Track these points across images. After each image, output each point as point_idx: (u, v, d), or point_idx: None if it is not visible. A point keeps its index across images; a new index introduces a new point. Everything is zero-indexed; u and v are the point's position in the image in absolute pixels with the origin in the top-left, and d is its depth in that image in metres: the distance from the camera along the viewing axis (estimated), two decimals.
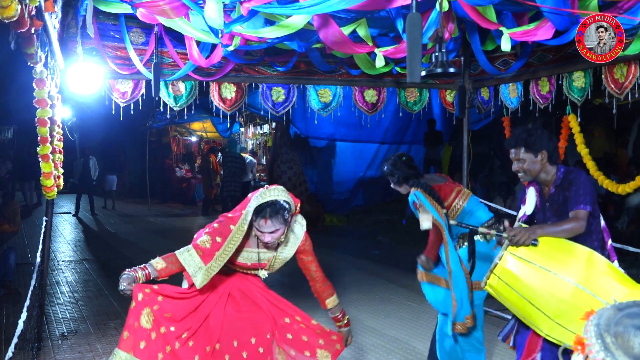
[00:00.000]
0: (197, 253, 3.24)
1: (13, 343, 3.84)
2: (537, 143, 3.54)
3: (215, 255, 3.24)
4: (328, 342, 3.65)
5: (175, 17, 4.31)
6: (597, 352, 1.40)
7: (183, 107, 6.48)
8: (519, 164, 3.60)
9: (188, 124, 20.81)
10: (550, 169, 3.61)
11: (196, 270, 3.22)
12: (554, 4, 3.63)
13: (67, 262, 10.06)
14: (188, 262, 3.23)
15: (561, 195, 3.56)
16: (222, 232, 3.30)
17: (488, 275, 3.33)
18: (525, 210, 3.68)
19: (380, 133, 14.40)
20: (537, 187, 3.72)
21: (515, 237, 3.23)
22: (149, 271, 3.20)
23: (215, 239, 3.27)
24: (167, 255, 3.27)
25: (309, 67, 6.58)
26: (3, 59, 11.78)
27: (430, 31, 4.09)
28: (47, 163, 4.79)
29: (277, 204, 3.29)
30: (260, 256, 3.50)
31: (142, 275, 3.19)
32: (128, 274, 3.17)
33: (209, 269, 3.24)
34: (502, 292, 3.30)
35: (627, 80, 5.14)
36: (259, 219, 3.28)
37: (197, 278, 3.22)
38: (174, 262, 3.24)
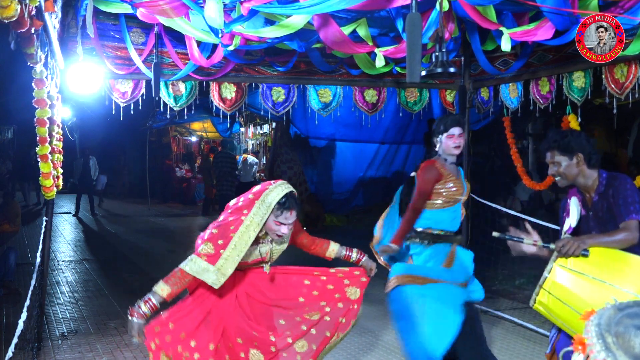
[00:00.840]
0: (201, 259, 3.26)
1: (13, 343, 3.83)
2: (571, 145, 3.38)
3: (221, 254, 3.26)
4: (353, 278, 3.84)
5: (175, 16, 4.31)
6: (598, 352, 1.40)
7: (183, 107, 6.47)
8: (555, 168, 3.45)
9: (188, 124, 20.81)
10: (590, 173, 3.42)
11: (208, 273, 3.25)
12: (554, 4, 3.63)
13: (67, 262, 10.06)
14: (195, 270, 3.24)
15: (605, 203, 3.35)
16: (222, 235, 3.31)
17: (537, 291, 3.13)
18: (570, 222, 3.43)
19: (381, 133, 14.39)
20: (579, 196, 3.51)
21: (564, 248, 3.08)
22: (153, 303, 3.19)
23: (217, 242, 3.29)
24: (171, 273, 3.26)
25: (309, 67, 6.58)
26: (3, 59, 11.78)
27: (430, 31, 4.09)
28: (46, 163, 4.79)
29: (294, 195, 3.44)
30: (261, 250, 3.55)
31: (148, 309, 3.17)
32: (135, 320, 3.14)
33: (220, 269, 3.25)
34: (554, 309, 3.10)
35: (628, 80, 5.13)
36: (284, 212, 3.36)
37: (210, 279, 3.25)
38: (180, 279, 3.25)
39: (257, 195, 3.41)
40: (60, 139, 5.77)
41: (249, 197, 3.44)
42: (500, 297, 7.51)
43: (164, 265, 9.47)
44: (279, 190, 3.40)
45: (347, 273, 3.86)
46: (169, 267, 3.23)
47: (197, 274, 3.24)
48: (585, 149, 3.38)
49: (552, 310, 3.11)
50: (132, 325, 3.14)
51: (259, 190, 3.45)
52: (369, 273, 3.88)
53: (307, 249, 3.87)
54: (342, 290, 3.81)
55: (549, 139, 3.48)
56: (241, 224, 3.32)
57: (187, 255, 3.34)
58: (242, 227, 3.31)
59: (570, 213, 3.45)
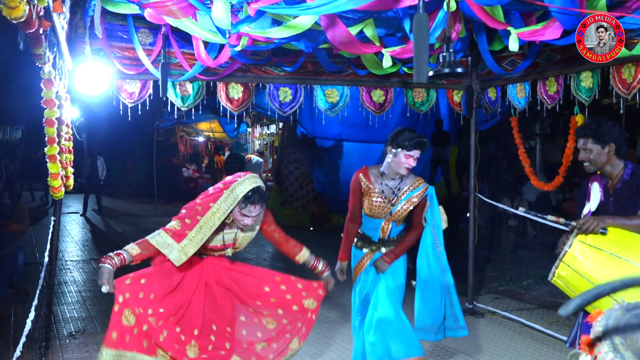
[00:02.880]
0: (167, 234, 3.51)
1: (21, 342, 3.85)
2: (606, 135, 3.57)
3: (187, 234, 3.49)
4: (310, 290, 4.00)
5: (182, 17, 4.32)
6: (605, 352, 1.39)
7: (190, 107, 6.49)
8: (586, 154, 3.64)
9: (195, 124, 20.86)
10: (617, 162, 3.63)
11: (171, 249, 3.49)
12: (562, 4, 3.62)
13: (75, 261, 10.09)
14: (160, 243, 3.50)
15: (629, 191, 3.56)
16: (190, 216, 3.55)
17: (557, 264, 3.34)
18: (590, 207, 3.69)
19: (388, 133, 14.25)
20: (601, 182, 3.72)
21: (585, 225, 3.29)
22: (124, 256, 3.44)
23: (184, 222, 3.53)
24: (140, 241, 3.54)
25: (316, 67, 6.58)
26: (12, 59, 11.84)
27: (437, 31, 4.09)
28: (54, 163, 4.80)
29: (261, 190, 3.65)
30: (225, 237, 3.77)
31: (118, 261, 3.40)
32: (105, 266, 3.34)
33: (184, 249, 3.49)
34: (572, 281, 3.30)
35: (635, 80, 5.10)
36: (249, 205, 3.58)
37: (172, 255, 3.48)
38: (148, 247, 3.52)
39: (226, 185, 3.62)
40: (69, 139, 5.79)
41: (219, 186, 3.67)
42: (507, 298, 7.49)
43: None
44: (247, 183, 3.60)
45: (306, 285, 4.03)
46: None
47: (161, 248, 3.49)
48: (618, 140, 3.58)
49: (569, 283, 3.32)
50: (102, 271, 3.33)
51: (229, 180, 3.67)
52: (327, 287, 4.08)
53: (279, 246, 4.08)
54: (299, 302, 3.98)
55: (585, 126, 3.66)
56: (209, 209, 3.54)
57: None
58: (209, 213, 3.53)
59: (592, 198, 3.70)
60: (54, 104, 4.61)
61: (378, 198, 4.41)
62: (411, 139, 4.26)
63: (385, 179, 4.44)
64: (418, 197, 4.41)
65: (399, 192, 4.41)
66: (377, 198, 4.41)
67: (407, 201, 4.39)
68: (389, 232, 4.49)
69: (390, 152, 4.35)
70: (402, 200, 4.40)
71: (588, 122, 3.70)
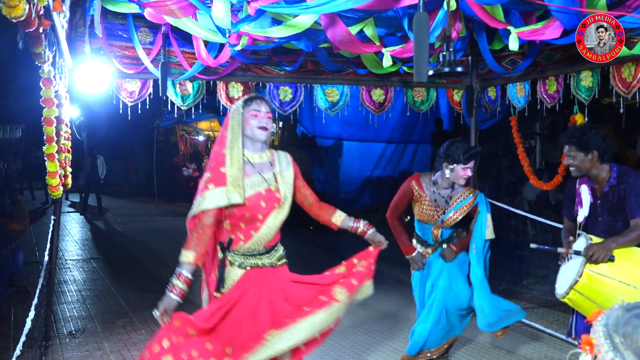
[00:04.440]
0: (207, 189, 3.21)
1: (21, 341, 3.85)
2: (589, 143, 3.67)
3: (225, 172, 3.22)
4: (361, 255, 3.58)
5: (182, 16, 4.32)
6: (605, 352, 1.39)
7: (190, 106, 6.49)
8: (571, 160, 3.77)
9: (195, 123, 20.84)
10: (603, 167, 3.75)
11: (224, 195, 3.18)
12: (562, 3, 3.61)
13: (75, 260, 10.09)
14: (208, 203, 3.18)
15: (616, 195, 3.69)
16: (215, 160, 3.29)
17: (568, 290, 3.48)
18: (584, 213, 3.84)
19: (388, 132, 14.39)
20: (589, 185, 3.85)
21: (594, 256, 3.40)
22: (185, 275, 3.11)
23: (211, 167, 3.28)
24: (188, 237, 3.21)
25: (316, 66, 6.58)
26: (13, 58, 11.84)
27: (437, 30, 4.08)
28: (52, 162, 4.80)
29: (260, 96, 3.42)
30: (265, 176, 3.38)
31: (184, 285, 3.09)
32: (170, 295, 3.05)
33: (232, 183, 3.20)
34: (582, 304, 3.50)
35: (635, 79, 5.10)
36: (253, 102, 3.35)
37: (233, 198, 3.18)
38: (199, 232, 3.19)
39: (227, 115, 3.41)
40: (68, 138, 5.79)
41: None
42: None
43: (171, 264, 9.50)
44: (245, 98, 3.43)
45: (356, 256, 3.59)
46: (176, 266, 3.18)
47: (215, 203, 3.16)
48: (601, 147, 3.68)
49: (579, 305, 3.52)
50: (164, 300, 3.04)
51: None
52: (378, 244, 3.60)
53: (310, 209, 3.66)
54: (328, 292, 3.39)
55: (569, 134, 3.77)
56: (225, 138, 3.31)
57: None
58: (227, 141, 3.29)
59: (583, 203, 3.84)
60: (53, 103, 4.61)
61: (429, 206, 4.52)
62: (465, 153, 4.33)
63: (437, 188, 4.53)
64: (468, 205, 4.52)
65: (450, 200, 4.52)
66: (428, 206, 4.52)
67: (457, 210, 4.50)
68: (440, 236, 4.62)
69: (447, 167, 4.42)
70: (452, 210, 4.50)
71: (572, 129, 3.82)
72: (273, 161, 3.48)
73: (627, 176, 3.70)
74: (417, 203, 4.56)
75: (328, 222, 3.66)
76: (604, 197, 3.75)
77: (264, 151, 3.44)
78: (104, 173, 16.98)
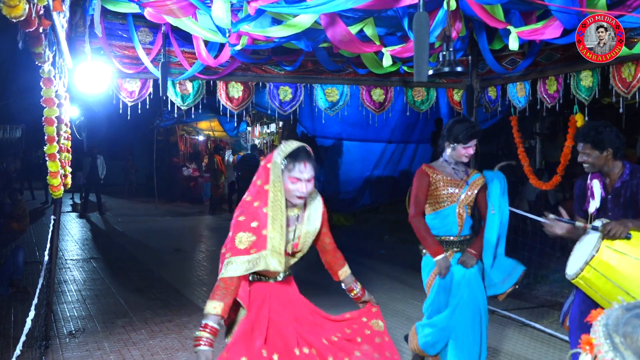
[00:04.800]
0: (249, 254, 2.99)
1: (21, 341, 3.85)
2: (604, 141, 3.74)
3: (267, 235, 3.01)
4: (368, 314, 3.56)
5: (182, 16, 4.32)
6: (605, 352, 1.39)
7: (190, 106, 6.49)
8: (585, 157, 3.81)
9: (195, 123, 20.86)
10: (616, 163, 3.82)
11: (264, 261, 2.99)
12: (562, 3, 3.61)
13: (75, 260, 10.09)
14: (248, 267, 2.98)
15: (629, 190, 3.78)
16: (253, 215, 3.05)
17: (582, 267, 3.49)
18: (595, 204, 3.90)
19: (388, 132, 14.39)
20: (601, 180, 3.91)
21: (612, 231, 3.43)
22: (212, 326, 2.91)
23: (251, 226, 3.02)
24: (214, 289, 2.98)
25: (316, 66, 6.58)
26: (13, 58, 11.83)
27: (437, 30, 4.08)
28: (53, 162, 4.80)
29: (305, 149, 3.17)
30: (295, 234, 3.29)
31: (211, 335, 2.90)
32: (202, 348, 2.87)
33: (272, 250, 3.01)
34: (595, 282, 3.49)
35: (635, 79, 5.10)
36: (297, 164, 3.10)
37: (271, 264, 3.01)
38: (226, 288, 2.97)
39: (268, 159, 3.17)
40: (68, 138, 5.79)
41: (260, 165, 3.22)
42: (508, 297, 7.48)
43: (171, 264, 9.52)
44: (288, 144, 3.17)
45: (360, 313, 3.56)
46: (176, 266, 3.17)
47: (255, 268, 2.99)
48: (615, 144, 3.77)
49: (593, 284, 3.50)
50: (199, 355, 2.87)
51: (269, 156, 3.21)
52: (373, 303, 3.63)
53: (325, 254, 3.60)
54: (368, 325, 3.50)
55: (584, 132, 3.81)
56: (267, 193, 3.08)
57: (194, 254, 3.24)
58: (270, 196, 3.08)
59: (595, 196, 3.91)
60: (54, 103, 4.61)
61: (449, 180, 4.45)
62: (466, 132, 4.32)
63: (450, 164, 4.50)
64: (479, 182, 4.49)
65: (466, 175, 4.51)
66: (449, 180, 4.44)
67: (472, 184, 4.47)
68: (465, 222, 4.49)
69: (449, 147, 4.42)
70: (469, 182, 4.48)
71: (587, 127, 3.83)
72: (302, 215, 3.33)
73: (639, 172, 3.80)
74: (434, 187, 4.43)
75: (334, 272, 3.66)
76: (616, 192, 3.82)
77: (297, 206, 3.29)
78: (104, 173, 16.98)
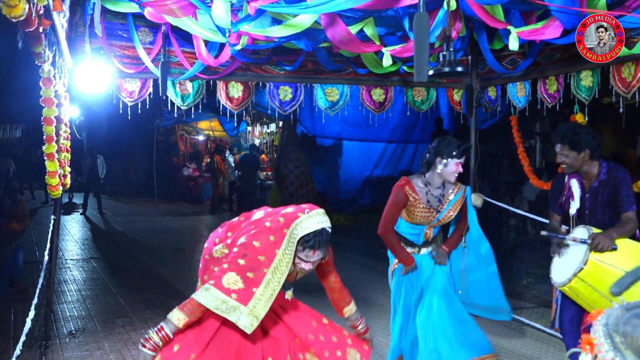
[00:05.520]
0: (229, 297, 2.89)
1: (21, 341, 3.85)
2: (581, 142, 3.87)
3: (255, 293, 2.92)
4: (356, 341, 3.60)
5: (182, 16, 4.32)
6: (606, 351, 1.39)
7: (190, 106, 6.49)
8: (563, 158, 3.97)
9: (195, 123, 20.84)
10: (593, 164, 3.96)
11: (238, 314, 2.89)
12: (562, 3, 3.62)
13: (75, 260, 10.09)
14: (219, 307, 2.89)
15: (607, 189, 3.92)
16: (252, 266, 2.98)
17: (571, 278, 3.64)
18: (576, 206, 4.05)
19: (388, 132, 14.39)
20: (578, 179, 4.06)
21: (600, 245, 3.59)
22: (166, 332, 2.90)
23: (246, 276, 2.95)
24: (185, 303, 2.95)
25: (316, 66, 6.58)
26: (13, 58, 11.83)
27: (437, 30, 4.09)
28: (52, 162, 4.80)
29: (325, 233, 3.10)
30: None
31: (160, 341, 2.90)
32: (145, 351, 2.89)
33: (253, 311, 2.90)
34: (582, 292, 3.63)
35: (635, 79, 5.10)
36: (307, 250, 3.07)
37: (242, 321, 2.89)
38: (195, 309, 2.93)
39: (287, 222, 3.09)
40: (67, 138, 5.79)
41: (279, 220, 3.12)
42: (507, 297, 7.47)
43: (171, 264, 9.52)
44: (310, 222, 3.07)
45: (352, 336, 3.62)
46: (176, 266, 3.18)
47: (224, 313, 2.88)
48: (592, 145, 3.89)
49: (580, 293, 3.64)
50: (140, 356, 2.89)
51: (291, 215, 3.13)
52: (370, 345, 3.67)
53: (330, 292, 3.61)
54: (344, 348, 3.50)
55: (561, 133, 3.95)
56: (274, 258, 3.00)
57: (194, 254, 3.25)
58: (275, 262, 3.00)
59: (575, 197, 4.05)
60: (53, 103, 4.60)
61: (423, 208, 4.46)
62: (459, 147, 4.32)
63: (430, 188, 4.46)
64: (460, 201, 4.52)
65: (443, 198, 4.49)
66: (423, 208, 4.46)
67: (451, 208, 4.49)
68: (432, 234, 4.62)
69: (441, 162, 4.34)
70: (446, 208, 4.48)
71: (564, 129, 3.97)
72: None
73: (617, 172, 3.92)
74: (411, 207, 4.45)
75: (339, 309, 3.67)
76: (594, 191, 3.96)
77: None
78: (104, 173, 16.99)
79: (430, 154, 4.40)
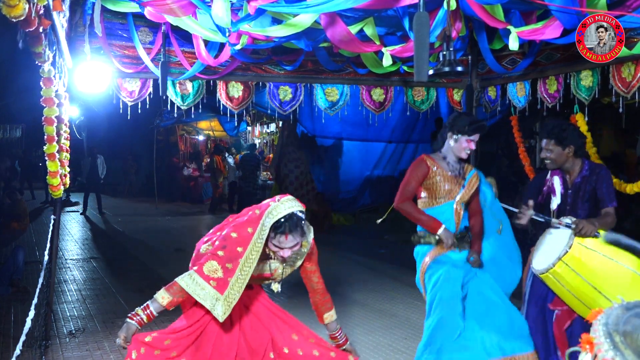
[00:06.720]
0: (208, 283, 3.02)
1: (21, 341, 3.86)
2: (567, 138, 4.00)
3: (230, 282, 3.04)
4: (339, 354, 3.55)
5: (182, 15, 4.32)
6: (605, 351, 1.40)
7: (190, 105, 6.49)
8: (547, 153, 4.09)
9: (195, 123, 20.85)
10: (576, 161, 4.09)
11: (214, 302, 3.02)
12: (562, 3, 3.62)
13: (75, 260, 10.09)
14: (198, 293, 3.02)
15: (588, 185, 4.05)
16: (230, 257, 3.08)
17: (555, 262, 3.69)
18: (557, 201, 4.17)
19: (388, 132, 14.39)
20: (560, 176, 4.18)
21: (584, 229, 3.69)
22: (151, 310, 3.05)
23: (225, 266, 3.06)
24: (170, 285, 3.08)
25: (316, 65, 6.58)
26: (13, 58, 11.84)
27: (437, 30, 4.09)
28: (53, 162, 4.80)
29: (295, 217, 3.13)
30: (271, 266, 3.37)
31: (145, 316, 3.04)
32: (130, 322, 3.01)
33: (227, 298, 3.03)
34: (565, 277, 3.69)
35: (635, 79, 5.11)
36: (278, 236, 3.11)
37: (217, 310, 3.02)
38: (179, 291, 3.06)
39: (262, 213, 3.17)
40: (67, 138, 5.79)
41: (255, 212, 3.22)
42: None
43: (171, 263, 9.52)
44: (280, 208, 3.14)
45: (335, 348, 3.60)
46: (176, 266, 3.20)
47: (202, 300, 3.02)
48: (577, 142, 4.05)
49: (562, 279, 3.71)
50: (125, 326, 3.02)
51: (265, 205, 3.21)
52: (354, 354, 3.63)
53: (312, 293, 3.60)
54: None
55: (548, 129, 4.06)
56: (248, 245, 3.10)
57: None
58: (247, 251, 3.10)
59: (557, 193, 4.18)
60: (54, 103, 4.61)
61: (449, 177, 4.35)
62: (471, 124, 4.28)
63: (449, 160, 4.40)
64: (474, 179, 4.45)
65: (462, 170, 4.45)
66: (448, 177, 4.34)
67: (469, 182, 4.42)
68: (462, 219, 4.40)
69: (451, 138, 4.33)
70: (467, 179, 4.41)
71: (551, 125, 4.07)
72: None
73: (599, 169, 4.08)
74: (432, 180, 4.31)
75: (319, 314, 3.65)
76: (576, 188, 4.09)
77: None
78: (104, 173, 16.98)
79: (443, 131, 4.42)
